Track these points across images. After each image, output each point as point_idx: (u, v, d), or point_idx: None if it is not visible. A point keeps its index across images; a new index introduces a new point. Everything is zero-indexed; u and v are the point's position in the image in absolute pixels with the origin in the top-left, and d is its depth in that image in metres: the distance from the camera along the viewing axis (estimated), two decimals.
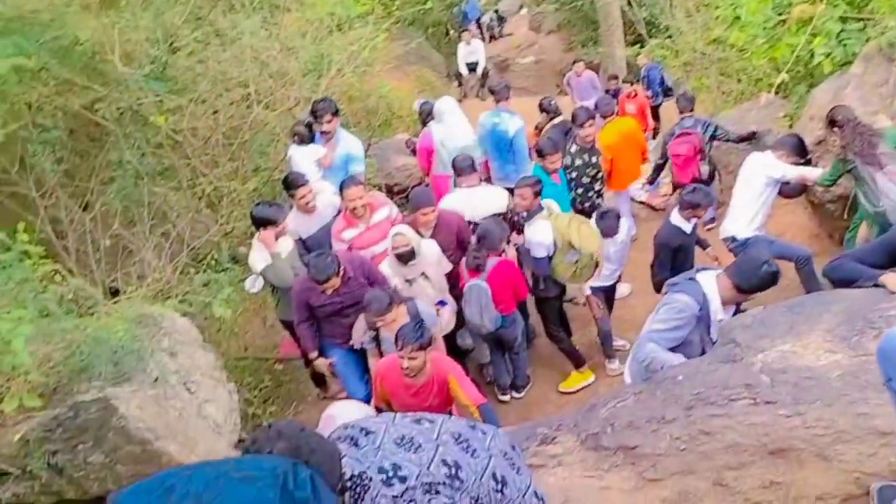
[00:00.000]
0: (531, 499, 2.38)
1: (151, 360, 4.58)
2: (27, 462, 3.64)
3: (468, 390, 4.65)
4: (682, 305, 3.78)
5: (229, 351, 6.92)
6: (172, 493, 0.83)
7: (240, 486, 0.81)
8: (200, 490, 0.81)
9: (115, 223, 6.42)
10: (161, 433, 4.05)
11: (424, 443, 2.23)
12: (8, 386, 3.83)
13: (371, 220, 6.11)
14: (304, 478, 0.81)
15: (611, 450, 3.10)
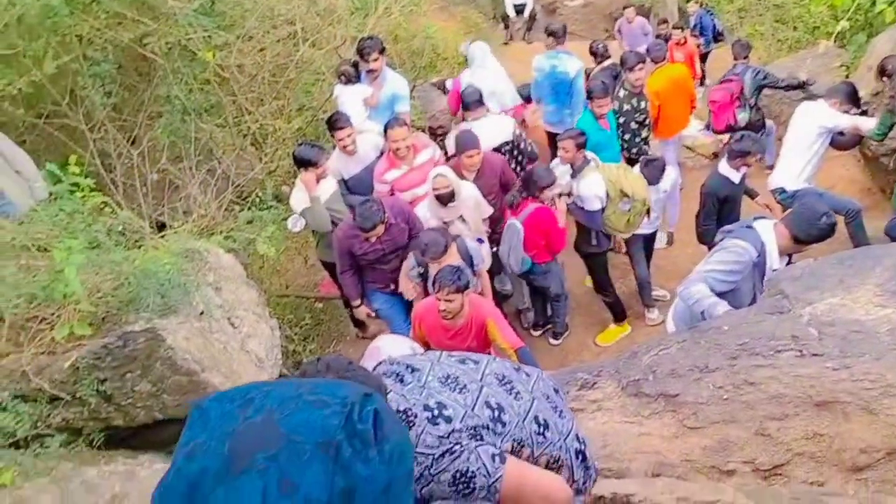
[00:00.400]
0: (573, 442, 2.38)
1: (197, 294, 4.65)
2: (77, 388, 3.74)
3: (507, 334, 4.66)
4: (741, 250, 3.72)
5: (271, 288, 7.02)
6: (250, 405, 0.85)
7: (310, 409, 0.82)
8: (274, 406, 0.83)
9: (163, 158, 6.47)
10: (206, 365, 4.13)
11: (469, 383, 2.23)
12: (59, 314, 3.93)
13: (414, 162, 6.09)
14: (369, 411, 0.82)
15: (652, 397, 3.09)
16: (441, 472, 2.04)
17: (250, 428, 0.82)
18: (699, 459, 2.86)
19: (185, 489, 0.84)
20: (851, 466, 2.72)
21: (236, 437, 0.82)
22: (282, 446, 0.80)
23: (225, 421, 0.85)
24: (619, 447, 3.00)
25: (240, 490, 0.79)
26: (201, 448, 0.84)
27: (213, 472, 0.81)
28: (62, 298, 3.78)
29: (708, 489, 2.32)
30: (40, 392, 3.66)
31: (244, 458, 0.80)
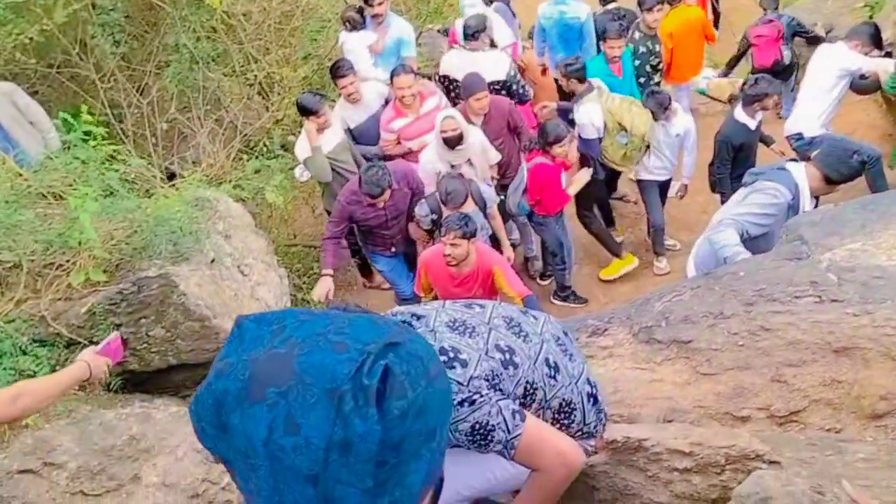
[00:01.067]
0: (584, 385, 2.39)
1: (207, 242, 4.66)
2: (93, 333, 3.77)
3: (513, 282, 4.67)
4: (776, 192, 3.68)
5: (279, 238, 7.04)
6: (281, 334, 0.87)
7: (328, 351, 0.84)
8: (298, 341, 0.85)
9: (171, 108, 6.45)
10: (219, 311, 4.16)
11: (477, 326, 2.21)
12: (74, 261, 3.95)
13: (421, 110, 6.03)
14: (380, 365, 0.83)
15: (664, 343, 3.09)
16: (460, 420, 2.04)
17: (270, 360, 0.84)
18: (712, 406, 2.87)
19: (212, 403, 0.87)
20: (870, 413, 2.71)
21: (257, 366, 0.84)
22: (292, 385, 0.81)
23: (255, 345, 0.87)
24: (630, 393, 3.02)
25: (250, 419, 0.82)
26: (228, 368, 0.86)
27: (234, 395, 0.84)
28: (77, 245, 3.80)
29: (722, 435, 2.33)
30: (58, 336, 3.70)
31: (259, 389, 0.82)
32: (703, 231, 4.36)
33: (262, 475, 0.81)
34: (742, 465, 2.29)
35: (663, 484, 2.39)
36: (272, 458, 0.80)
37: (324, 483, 0.80)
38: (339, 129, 6.04)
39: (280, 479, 0.81)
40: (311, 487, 0.81)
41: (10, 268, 3.88)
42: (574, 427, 2.37)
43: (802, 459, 2.36)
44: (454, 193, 5.14)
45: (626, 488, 2.46)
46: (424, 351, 0.90)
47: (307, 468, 0.80)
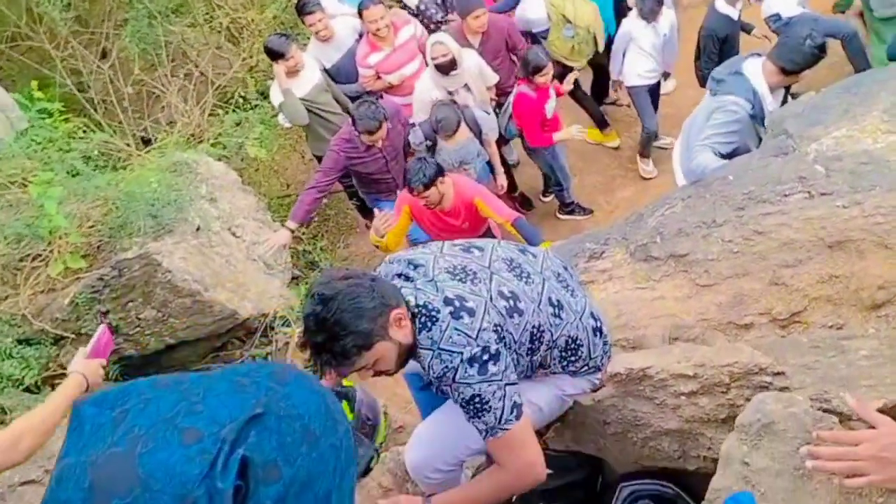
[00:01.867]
0: (588, 320, 2.33)
1: (191, 209, 4.54)
2: (80, 325, 3.71)
3: (498, 209, 4.55)
4: (734, 107, 3.58)
5: (271, 190, 6.87)
6: (123, 421, 0.75)
7: (175, 445, 0.72)
8: (142, 433, 0.73)
9: (135, 69, 6.20)
10: (209, 283, 4.07)
11: (479, 271, 2.16)
12: (51, 250, 3.84)
13: (396, 41, 5.78)
14: (234, 460, 0.71)
15: (661, 259, 2.98)
16: (464, 384, 2.01)
17: (111, 461, 0.73)
18: (715, 317, 2.77)
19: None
20: (870, 304, 2.63)
21: (97, 471, 0.73)
22: (137, 494, 0.70)
23: (95, 440, 0.75)
24: (633, 315, 2.93)
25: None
26: (69, 473, 0.75)
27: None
28: (49, 234, 3.69)
29: (724, 352, 2.24)
30: (44, 333, 3.63)
31: (102, 499, 0.71)
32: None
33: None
34: (747, 381, 2.21)
35: (671, 410, 2.33)
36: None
37: None
38: (315, 71, 5.78)
39: None
40: None
41: None
42: (580, 363, 2.32)
43: (806, 365, 2.28)
44: (445, 121, 5.03)
45: (636, 419, 2.39)
46: (305, 400, 0.78)
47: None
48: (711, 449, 2.29)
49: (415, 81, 5.84)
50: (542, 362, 2.28)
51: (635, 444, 2.46)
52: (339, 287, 1.92)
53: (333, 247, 6.95)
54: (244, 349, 4.57)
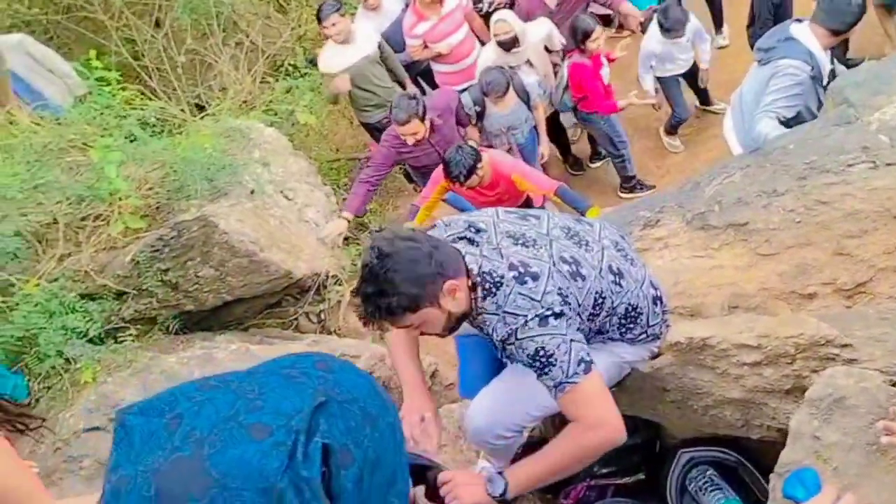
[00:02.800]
0: (648, 289, 2.31)
1: (245, 173, 4.59)
2: (141, 281, 3.78)
3: (537, 181, 4.53)
4: (795, 70, 3.51)
5: (321, 155, 6.94)
6: (178, 427, 0.73)
7: (245, 441, 0.70)
8: (205, 434, 0.71)
9: (188, 38, 6.26)
10: (264, 244, 4.12)
11: (538, 238, 2.15)
12: (111, 210, 3.92)
13: (442, 10, 5.75)
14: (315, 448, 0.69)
15: (720, 228, 2.94)
16: (527, 338, 2.01)
17: (178, 466, 0.71)
18: (777, 286, 2.74)
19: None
20: None
21: (162, 478, 0.71)
22: (214, 494, 0.69)
23: (150, 448, 0.73)
24: (691, 283, 2.90)
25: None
26: (126, 485, 0.72)
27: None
28: (109, 196, 3.76)
29: (789, 322, 2.21)
30: (106, 289, 3.71)
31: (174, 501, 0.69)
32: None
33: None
34: (813, 353, 2.18)
35: (734, 379, 2.32)
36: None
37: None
38: (370, 42, 5.73)
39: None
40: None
41: (47, 225, 3.88)
42: (638, 330, 2.31)
43: (874, 337, 2.24)
44: (494, 83, 5.03)
45: (696, 387, 2.38)
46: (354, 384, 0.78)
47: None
48: (776, 419, 2.27)
49: (462, 49, 5.85)
50: (601, 329, 2.27)
51: (696, 412, 2.46)
52: (399, 246, 1.94)
53: (382, 209, 7.00)
54: (298, 306, 4.65)
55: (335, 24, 5.50)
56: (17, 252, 3.48)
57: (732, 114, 4.21)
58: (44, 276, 3.55)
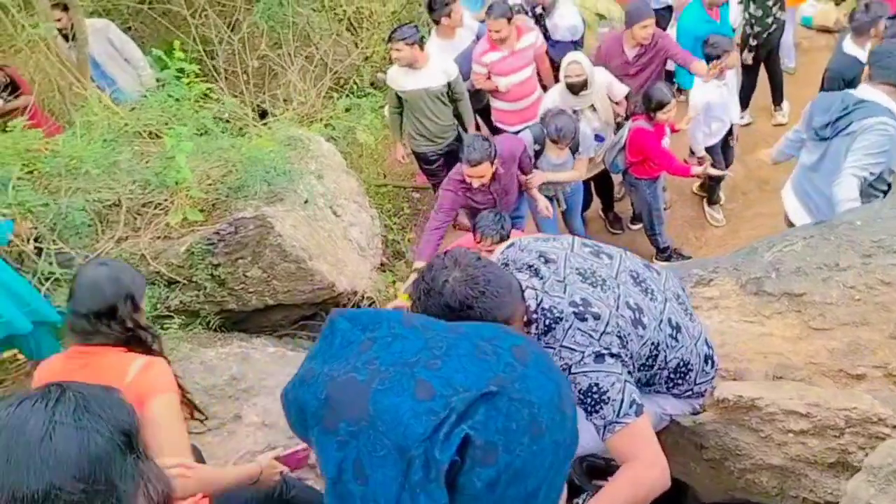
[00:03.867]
0: (702, 347, 2.31)
1: (301, 182, 4.67)
2: (192, 273, 3.85)
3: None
4: (884, 126, 3.54)
5: (369, 177, 7.02)
6: (370, 349, 0.81)
7: (409, 394, 0.77)
8: (382, 368, 0.78)
9: (262, 44, 6.42)
10: (314, 253, 4.19)
11: (608, 279, 2.16)
12: (172, 200, 4.01)
13: (516, 46, 5.83)
14: (457, 435, 0.73)
15: (774, 295, 2.93)
16: (582, 374, 2.00)
17: (349, 385, 0.79)
18: (825, 363, 2.72)
19: (297, 408, 0.86)
20: None
21: (334, 388, 0.80)
22: (364, 426, 0.76)
23: (342, 356, 0.81)
24: (737, 347, 2.89)
25: (324, 447, 0.79)
26: (311, 378, 0.83)
27: (312, 412, 0.82)
28: (174, 185, 3.85)
29: (842, 396, 2.20)
30: (158, 275, 3.79)
31: (332, 418, 0.78)
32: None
33: None
34: (863, 429, 2.17)
35: (777, 445, 2.30)
36: (339, 497, 0.77)
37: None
38: (438, 76, 5.74)
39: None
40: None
41: (110, 206, 3.97)
42: (685, 386, 2.31)
43: None
44: (565, 130, 5.03)
45: (737, 448, 2.37)
46: (539, 385, 0.80)
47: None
48: (813, 491, 2.25)
49: (524, 89, 5.92)
50: (650, 380, 2.27)
51: (731, 474, 2.44)
52: (492, 274, 1.85)
53: (419, 239, 7.05)
54: None
55: (399, 50, 5.60)
56: (81, 228, 3.56)
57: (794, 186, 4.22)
58: (102, 254, 3.63)
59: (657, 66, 5.82)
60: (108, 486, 1.16)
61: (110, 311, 2.33)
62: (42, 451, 1.13)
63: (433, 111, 5.81)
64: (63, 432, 1.16)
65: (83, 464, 1.15)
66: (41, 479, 1.12)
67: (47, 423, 1.16)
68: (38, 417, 1.17)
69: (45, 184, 3.65)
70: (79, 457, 1.15)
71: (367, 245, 5.51)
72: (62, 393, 1.22)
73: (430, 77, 5.73)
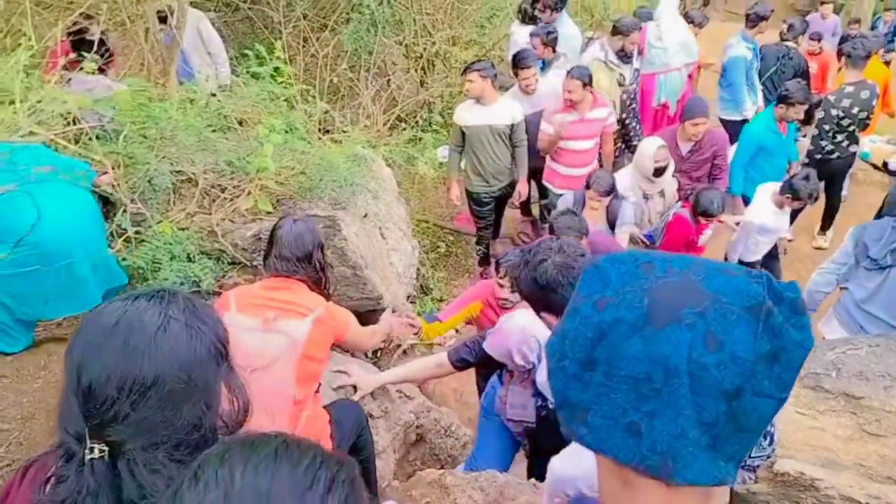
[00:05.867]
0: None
1: (360, 197, 4.75)
2: (254, 257, 3.90)
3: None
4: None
5: (413, 211, 7.11)
6: (654, 268, 0.87)
7: (725, 275, 0.85)
8: (685, 270, 0.85)
9: (343, 63, 6.58)
10: (369, 263, 4.23)
11: None
12: (242, 187, 4.08)
13: (587, 114, 5.94)
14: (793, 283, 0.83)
15: (831, 393, 2.97)
16: None
17: (669, 286, 0.84)
18: (875, 467, 2.73)
19: (591, 337, 0.86)
20: None
21: (655, 293, 0.83)
22: (707, 305, 0.81)
23: (629, 279, 0.86)
24: (787, 436, 2.91)
25: (662, 340, 0.81)
26: (612, 301, 0.85)
27: (630, 323, 0.83)
28: (255, 173, 3.92)
29: None
30: (222, 253, 3.83)
31: (668, 311, 0.82)
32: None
33: (676, 396, 0.81)
34: None
35: None
36: (692, 376, 0.80)
37: (742, 397, 0.81)
38: (500, 113, 5.89)
39: (699, 395, 0.81)
40: (724, 404, 0.81)
41: (186, 181, 4.05)
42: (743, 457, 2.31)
43: None
44: (599, 178, 5.17)
45: None
46: None
47: (729, 382, 0.80)
48: None
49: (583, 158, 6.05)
50: None
51: None
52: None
53: (449, 281, 7.11)
54: None
55: (472, 81, 5.74)
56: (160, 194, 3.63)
57: (839, 314, 4.28)
58: (174, 222, 3.69)
59: (709, 167, 5.95)
60: (204, 385, 1.29)
61: (308, 257, 2.96)
62: (157, 341, 1.25)
63: (493, 149, 5.93)
64: (176, 327, 1.28)
65: (190, 359, 1.27)
66: (153, 366, 1.24)
67: (162, 317, 1.28)
68: (153, 311, 1.28)
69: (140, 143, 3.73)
70: (187, 351, 1.27)
71: (404, 272, 5.54)
72: (174, 295, 1.34)
73: (495, 114, 5.88)
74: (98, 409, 1.22)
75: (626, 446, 0.85)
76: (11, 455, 3.78)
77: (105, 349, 1.24)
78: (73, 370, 1.25)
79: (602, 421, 0.86)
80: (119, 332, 1.25)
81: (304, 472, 0.79)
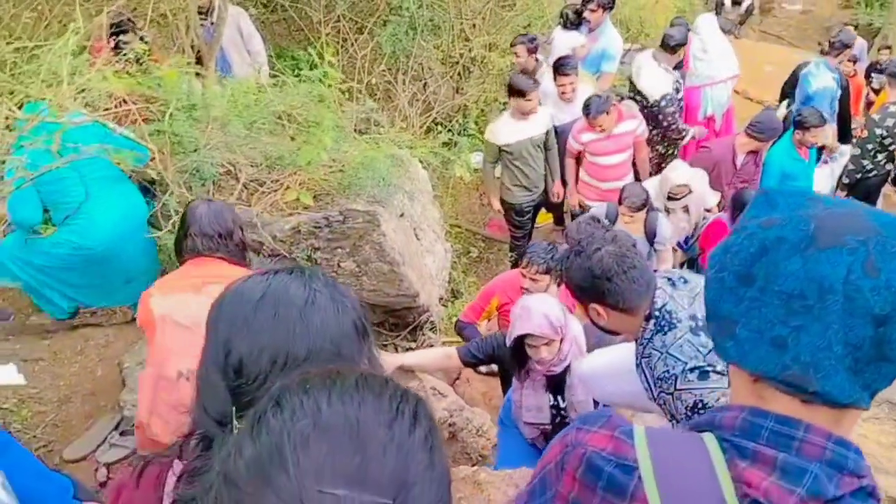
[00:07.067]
0: None
1: (397, 197, 4.77)
2: (292, 249, 3.93)
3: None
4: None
5: (446, 214, 7.11)
6: (818, 204, 0.94)
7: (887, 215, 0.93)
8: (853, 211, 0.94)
9: (381, 66, 6.62)
10: (406, 260, 4.25)
11: None
12: (280, 181, 4.12)
13: (614, 130, 5.86)
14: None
15: (875, 401, 2.89)
16: (686, 390, 2.05)
17: (836, 214, 0.89)
18: None
19: (755, 251, 0.91)
20: None
21: (822, 221, 0.88)
22: (871, 235, 0.86)
23: (797, 207, 0.92)
24: None
25: (822, 261, 0.86)
26: (779, 222, 0.91)
27: (792, 243, 0.88)
28: (305, 164, 3.94)
29: None
30: (260, 245, 3.86)
31: (832, 236, 0.86)
32: None
33: (827, 312, 0.86)
34: None
35: None
36: (846, 297, 0.85)
37: (890, 324, 0.85)
38: (539, 127, 5.91)
39: (850, 316, 0.85)
40: (872, 328, 0.85)
41: (226, 173, 4.08)
42: None
43: None
44: (632, 193, 5.08)
45: None
46: None
47: (879, 308, 0.85)
48: None
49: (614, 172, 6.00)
50: None
51: None
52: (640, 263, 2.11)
53: (479, 286, 7.09)
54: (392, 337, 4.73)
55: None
56: (206, 182, 3.67)
57: None
58: None
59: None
60: (350, 360, 1.22)
61: (230, 234, 2.82)
62: (306, 314, 1.20)
63: (535, 159, 5.94)
64: (322, 301, 1.22)
65: (338, 333, 1.22)
66: (305, 340, 1.18)
67: (308, 291, 1.23)
68: (298, 284, 1.23)
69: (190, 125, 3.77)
70: (335, 325, 1.22)
71: (436, 275, 5.55)
72: (313, 270, 1.29)
73: (533, 126, 5.87)
74: (250, 384, 1.17)
75: (769, 358, 0.90)
76: (47, 436, 3.84)
77: (254, 323, 1.19)
78: (217, 346, 1.21)
79: (749, 334, 0.91)
80: (266, 306, 1.20)
81: (389, 404, 0.78)
